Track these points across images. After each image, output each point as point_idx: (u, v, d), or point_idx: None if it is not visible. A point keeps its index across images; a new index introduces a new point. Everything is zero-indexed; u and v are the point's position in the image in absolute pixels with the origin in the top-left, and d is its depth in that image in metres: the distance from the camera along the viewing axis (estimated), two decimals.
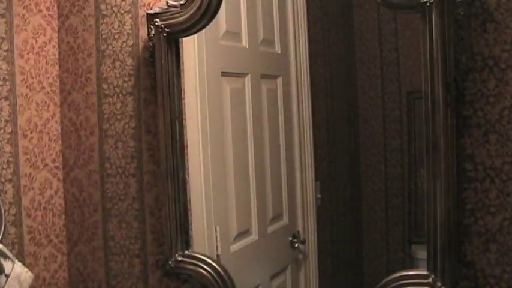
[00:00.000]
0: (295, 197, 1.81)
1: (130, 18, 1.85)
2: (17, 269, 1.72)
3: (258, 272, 1.81)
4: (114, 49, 1.89)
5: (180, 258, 1.72)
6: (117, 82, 1.89)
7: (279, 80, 1.81)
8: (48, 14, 2.01)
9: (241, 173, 1.77)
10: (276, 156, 1.81)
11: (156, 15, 1.69)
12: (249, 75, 1.78)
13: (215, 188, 1.72)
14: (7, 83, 1.89)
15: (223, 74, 1.74)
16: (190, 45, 1.70)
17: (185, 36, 1.69)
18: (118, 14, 1.87)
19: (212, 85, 1.72)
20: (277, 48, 1.81)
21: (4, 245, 1.76)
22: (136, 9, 1.83)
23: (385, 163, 1.63)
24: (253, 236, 1.79)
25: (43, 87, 2.00)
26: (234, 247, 1.76)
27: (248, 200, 1.78)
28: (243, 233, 1.78)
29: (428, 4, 1.28)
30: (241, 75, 1.78)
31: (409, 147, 1.59)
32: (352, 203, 1.76)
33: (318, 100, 1.77)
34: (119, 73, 1.89)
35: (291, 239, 1.80)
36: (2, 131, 1.88)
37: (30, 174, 1.96)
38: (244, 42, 1.78)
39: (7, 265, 1.70)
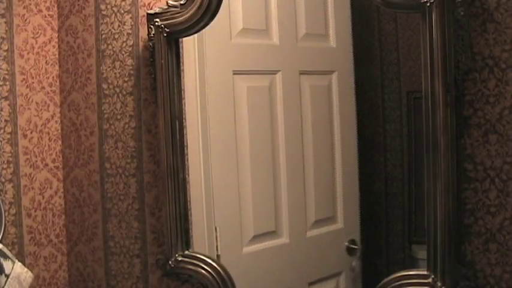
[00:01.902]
0: (354, 200, 1.68)
1: (130, 18, 1.85)
2: (17, 269, 1.72)
3: (287, 276, 1.71)
4: (114, 49, 1.89)
5: (180, 258, 1.72)
6: (117, 82, 1.89)
7: (334, 75, 1.70)
8: (48, 14, 2.01)
9: (260, 174, 1.71)
10: (325, 157, 1.71)
11: (156, 15, 1.69)
12: (281, 72, 1.71)
13: (220, 188, 1.70)
14: (7, 83, 1.89)
15: (237, 72, 1.70)
16: (190, 44, 1.70)
17: (185, 36, 1.69)
18: (118, 14, 1.87)
19: (221, 84, 1.70)
20: (332, 42, 1.70)
21: (4, 245, 1.76)
22: (137, 9, 1.83)
23: (385, 163, 1.63)
24: (283, 239, 1.72)
25: (43, 87, 2.00)
26: (250, 249, 1.71)
27: (272, 202, 1.70)
28: (264, 235, 1.71)
29: (428, 4, 1.28)
30: (267, 72, 1.72)
31: (409, 147, 1.59)
32: None
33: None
34: (119, 73, 1.89)
35: (347, 244, 1.67)
36: (2, 131, 1.88)
37: (30, 174, 1.96)
38: (275, 39, 1.72)
39: (7, 265, 1.70)
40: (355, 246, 1.66)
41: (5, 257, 1.71)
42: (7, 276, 1.69)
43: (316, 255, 1.72)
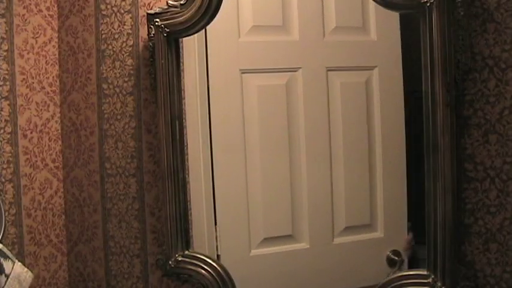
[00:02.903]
0: (400, 207, 1.54)
1: (130, 18, 1.85)
2: (17, 269, 1.72)
3: (305, 283, 1.64)
4: (114, 49, 1.89)
5: (180, 258, 1.72)
6: (117, 82, 1.89)
7: (375, 71, 1.59)
8: (48, 14, 2.01)
9: (274, 174, 1.66)
10: (359, 158, 1.61)
11: (156, 15, 1.69)
12: (301, 69, 1.64)
13: (225, 189, 1.69)
14: (7, 83, 1.89)
15: (245, 71, 1.68)
16: (190, 44, 1.70)
17: (185, 36, 1.69)
18: (118, 14, 1.87)
19: (226, 84, 1.69)
20: (372, 35, 1.60)
21: (4, 245, 1.76)
22: (137, 9, 1.83)
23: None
24: (303, 244, 1.65)
25: (43, 87, 2.00)
26: (259, 251, 1.67)
27: (289, 205, 1.65)
28: (278, 238, 1.67)
29: (428, 4, 1.28)
30: (282, 70, 1.67)
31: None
32: None
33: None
34: (119, 73, 1.89)
35: (389, 253, 1.55)
36: (2, 131, 1.88)
37: (30, 174, 1.96)
38: (294, 35, 1.66)
39: (7, 265, 1.70)
40: (397, 258, 1.55)
41: (5, 257, 1.71)
42: (7, 276, 1.69)
43: (346, 264, 1.63)
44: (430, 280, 1.34)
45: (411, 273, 1.39)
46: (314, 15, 1.64)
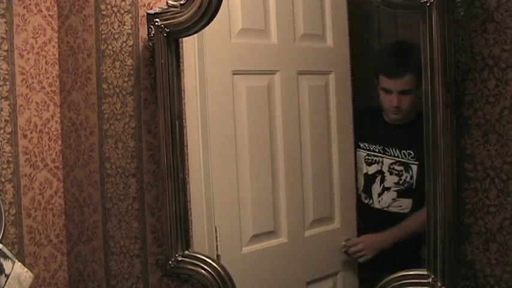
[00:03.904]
0: (351, 200, 1.68)
1: (130, 18, 1.85)
2: (17, 269, 1.72)
3: (286, 276, 1.72)
4: (114, 49, 1.89)
5: (180, 258, 1.72)
6: (117, 82, 1.89)
7: (332, 76, 1.70)
8: (48, 14, 2.01)
9: (259, 173, 1.71)
10: (323, 157, 1.71)
11: (156, 15, 1.69)
12: (279, 72, 1.70)
13: (220, 188, 1.70)
14: (7, 83, 1.89)
15: (236, 72, 1.70)
16: (190, 44, 1.70)
17: (185, 36, 1.69)
18: (118, 14, 1.87)
19: (221, 84, 1.69)
20: (329, 42, 1.71)
21: (4, 245, 1.76)
22: (137, 9, 1.83)
23: None
24: (282, 239, 1.72)
25: (43, 87, 2.00)
26: (249, 249, 1.71)
27: (271, 202, 1.70)
28: (263, 235, 1.72)
29: (428, 4, 1.28)
30: (266, 72, 1.71)
31: None
32: None
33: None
34: (119, 73, 1.89)
35: (344, 243, 1.68)
36: (2, 131, 1.88)
37: (30, 174, 1.96)
38: (274, 39, 1.71)
39: (7, 265, 1.70)
40: (347, 245, 1.68)
41: (5, 257, 1.71)
42: (7, 276, 1.69)
43: (314, 255, 1.73)
44: (430, 280, 1.34)
45: (411, 273, 1.39)
46: (288, 21, 1.71)
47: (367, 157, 1.64)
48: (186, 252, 1.72)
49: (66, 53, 2.03)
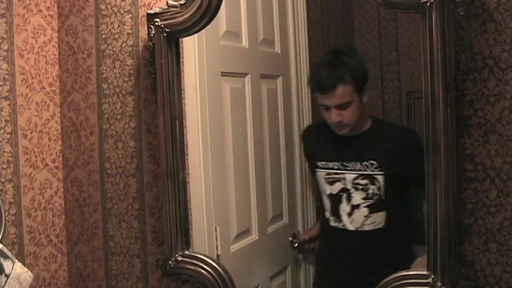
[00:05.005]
0: (295, 197, 1.81)
1: (130, 18, 1.85)
2: (17, 269, 1.72)
3: (258, 272, 1.81)
4: (114, 49, 1.89)
5: (180, 258, 1.72)
6: (117, 82, 1.89)
7: (279, 80, 1.81)
8: (48, 14, 2.01)
9: (241, 173, 1.77)
10: (276, 156, 1.81)
11: (156, 15, 1.69)
12: (249, 75, 1.77)
13: (215, 188, 1.72)
14: (7, 83, 1.89)
15: (223, 74, 1.74)
16: (190, 45, 1.70)
17: (185, 36, 1.69)
18: (118, 14, 1.87)
19: (212, 85, 1.72)
20: (277, 48, 1.81)
21: (4, 245, 1.76)
22: (137, 9, 1.83)
23: None
24: (254, 236, 1.79)
25: (43, 87, 2.00)
26: (234, 247, 1.76)
27: (248, 200, 1.78)
28: (243, 233, 1.78)
29: (428, 4, 1.28)
30: (241, 75, 1.78)
31: None
32: None
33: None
34: (119, 73, 1.89)
35: (290, 239, 1.79)
36: (2, 131, 1.88)
37: (30, 174, 1.96)
38: (245, 42, 1.78)
39: (7, 265, 1.70)
40: (295, 240, 1.78)
41: (5, 257, 1.71)
42: (7, 276, 1.69)
43: (273, 250, 1.85)
44: (430, 280, 1.34)
45: (411, 273, 1.39)
46: (253, 26, 1.79)
47: (326, 176, 1.57)
48: (186, 252, 1.72)
49: (66, 53, 2.03)
